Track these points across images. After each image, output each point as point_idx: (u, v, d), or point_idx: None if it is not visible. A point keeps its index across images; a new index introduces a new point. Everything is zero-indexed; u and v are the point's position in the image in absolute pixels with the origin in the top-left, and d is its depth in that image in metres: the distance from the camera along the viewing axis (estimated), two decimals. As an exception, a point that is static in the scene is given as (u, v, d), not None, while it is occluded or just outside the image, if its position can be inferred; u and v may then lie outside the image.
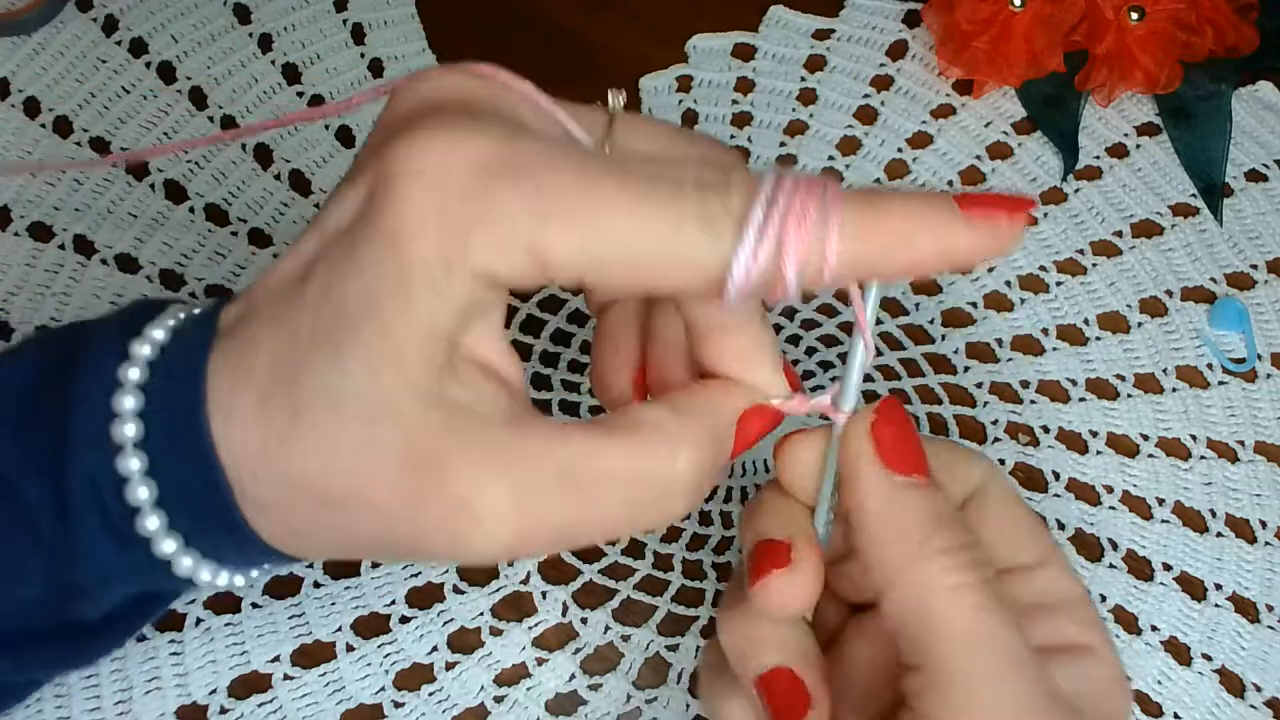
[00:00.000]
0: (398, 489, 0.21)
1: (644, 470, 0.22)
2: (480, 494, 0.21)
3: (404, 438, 0.21)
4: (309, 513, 0.21)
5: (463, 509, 0.21)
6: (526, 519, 0.21)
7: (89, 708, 0.31)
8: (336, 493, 0.21)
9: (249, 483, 0.21)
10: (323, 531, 0.22)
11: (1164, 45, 0.44)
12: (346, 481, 0.21)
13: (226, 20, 0.45)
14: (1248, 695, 0.33)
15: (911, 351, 0.39)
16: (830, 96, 0.45)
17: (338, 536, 0.22)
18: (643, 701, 0.32)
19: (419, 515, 0.21)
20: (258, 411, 0.21)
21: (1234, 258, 0.42)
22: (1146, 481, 0.37)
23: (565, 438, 0.22)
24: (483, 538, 0.21)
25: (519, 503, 0.21)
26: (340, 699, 0.31)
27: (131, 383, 0.22)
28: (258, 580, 0.24)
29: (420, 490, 0.21)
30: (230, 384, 0.21)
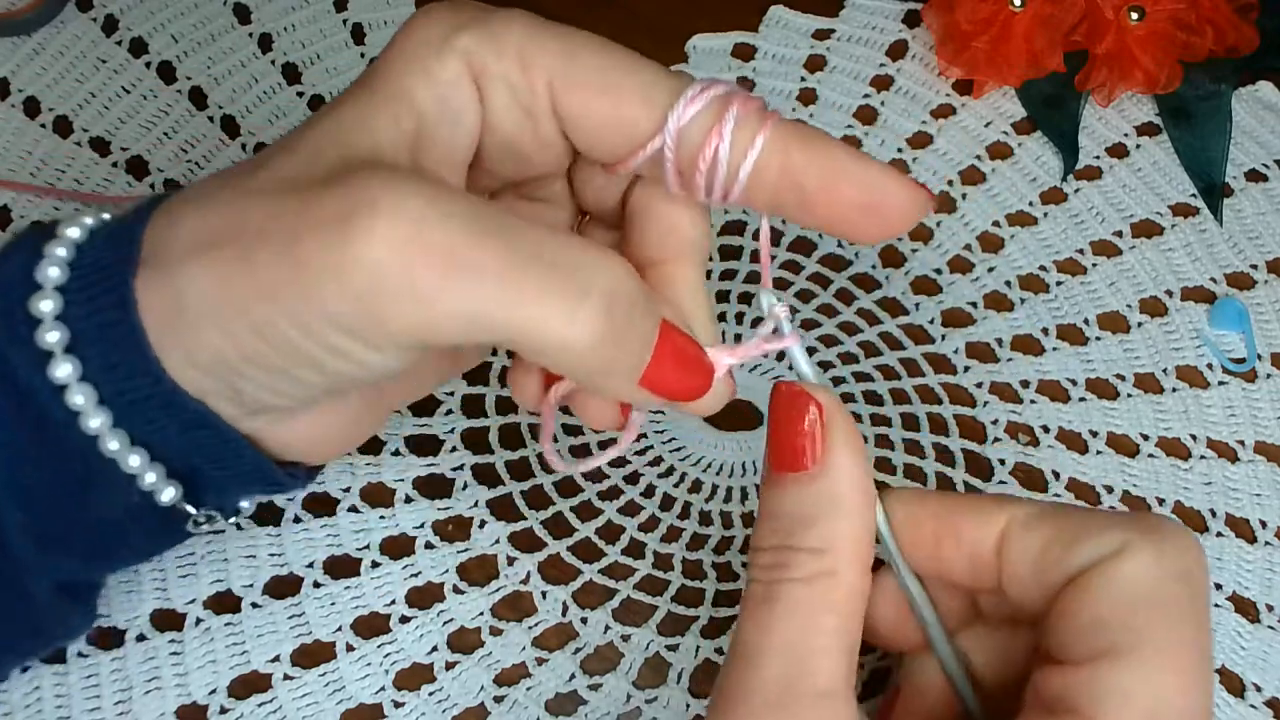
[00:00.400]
0: (296, 191, 0.20)
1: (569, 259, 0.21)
2: (388, 193, 0.20)
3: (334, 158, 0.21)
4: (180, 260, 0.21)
5: (363, 203, 0.19)
6: (429, 239, 0.19)
7: (89, 707, 0.31)
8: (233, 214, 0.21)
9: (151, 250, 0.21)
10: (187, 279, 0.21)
11: (1164, 45, 0.44)
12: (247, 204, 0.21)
13: (226, 20, 0.45)
14: (1248, 695, 0.33)
15: (911, 351, 0.39)
16: (830, 96, 0.45)
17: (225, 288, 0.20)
18: (643, 701, 0.32)
19: (302, 214, 0.20)
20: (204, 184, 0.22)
21: (1234, 258, 0.42)
22: (1146, 481, 0.37)
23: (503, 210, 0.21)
24: (370, 238, 0.19)
25: (426, 217, 0.19)
26: (340, 699, 0.31)
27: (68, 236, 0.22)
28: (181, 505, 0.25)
29: (327, 187, 0.20)
30: (180, 193, 0.22)
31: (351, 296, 0.20)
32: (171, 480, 0.24)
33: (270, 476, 0.25)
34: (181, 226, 0.21)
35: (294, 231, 0.20)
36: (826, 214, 0.22)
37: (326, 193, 0.20)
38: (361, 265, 0.19)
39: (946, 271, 0.41)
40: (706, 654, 0.33)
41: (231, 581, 0.33)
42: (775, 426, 0.23)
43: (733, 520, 0.35)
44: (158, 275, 0.21)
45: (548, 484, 0.35)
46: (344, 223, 0.19)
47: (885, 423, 0.38)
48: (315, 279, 0.20)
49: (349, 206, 0.20)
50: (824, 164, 0.22)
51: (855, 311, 0.40)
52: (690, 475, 0.36)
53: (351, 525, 0.34)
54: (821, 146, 0.22)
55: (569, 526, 0.35)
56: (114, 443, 0.23)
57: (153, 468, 0.24)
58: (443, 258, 0.20)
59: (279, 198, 0.20)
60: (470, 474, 0.35)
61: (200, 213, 0.21)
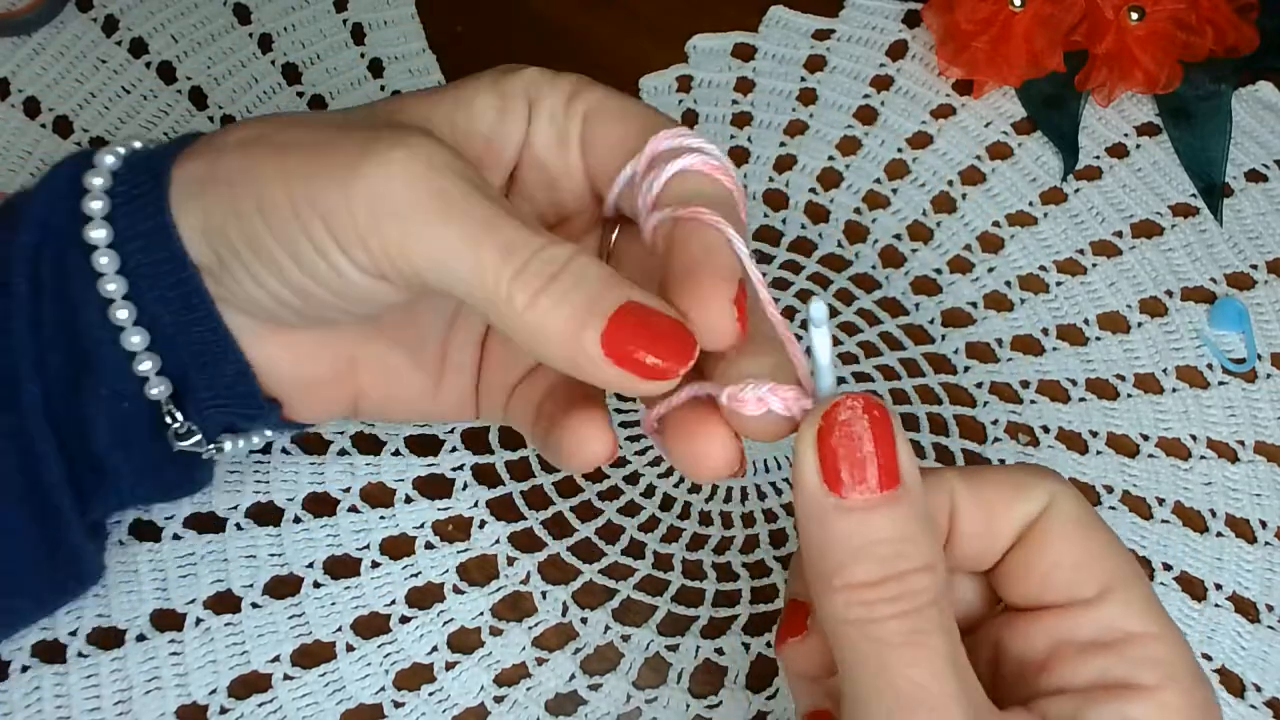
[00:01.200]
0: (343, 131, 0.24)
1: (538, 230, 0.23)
2: (416, 136, 0.23)
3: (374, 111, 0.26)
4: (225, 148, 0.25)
5: (393, 138, 0.23)
6: (435, 182, 0.22)
7: (89, 707, 0.31)
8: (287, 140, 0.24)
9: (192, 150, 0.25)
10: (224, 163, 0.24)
11: (1164, 45, 0.44)
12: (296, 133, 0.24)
13: (226, 20, 0.45)
14: (1248, 695, 0.33)
15: (911, 351, 0.39)
16: (830, 96, 0.45)
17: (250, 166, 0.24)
18: (643, 701, 0.32)
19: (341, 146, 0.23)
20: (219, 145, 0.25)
21: (1234, 258, 0.42)
22: (1146, 481, 0.37)
23: None
24: (388, 161, 0.22)
25: (439, 166, 0.23)
26: (340, 699, 0.31)
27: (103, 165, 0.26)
28: None
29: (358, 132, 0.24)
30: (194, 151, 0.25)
31: (353, 203, 0.23)
32: (162, 377, 0.26)
33: (250, 389, 0.27)
34: (231, 132, 0.25)
35: (328, 143, 0.23)
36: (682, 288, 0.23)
37: (365, 127, 0.24)
38: (371, 180, 0.22)
39: (946, 272, 0.41)
40: (706, 654, 0.33)
41: (231, 581, 0.33)
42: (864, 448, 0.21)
43: (733, 520, 0.35)
44: (196, 156, 0.25)
45: (547, 484, 0.35)
46: (370, 142, 0.23)
47: (885, 423, 0.38)
48: (328, 179, 0.23)
49: (379, 136, 0.23)
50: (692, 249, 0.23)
51: (855, 312, 0.40)
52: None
53: (351, 525, 0.34)
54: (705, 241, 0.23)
55: (569, 526, 0.35)
56: (123, 311, 0.25)
57: (149, 356, 0.26)
58: (441, 200, 0.22)
59: (324, 127, 0.24)
60: (470, 474, 0.35)
61: (250, 124, 0.25)
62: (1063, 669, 0.22)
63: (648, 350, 0.22)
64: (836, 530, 0.21)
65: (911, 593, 0.21)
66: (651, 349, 0.22)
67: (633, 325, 0.22)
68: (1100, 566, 0.23)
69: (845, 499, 0.21)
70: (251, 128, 0.25)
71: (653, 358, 0.22)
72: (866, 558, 0.21)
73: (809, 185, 0.43)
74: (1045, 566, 0.23)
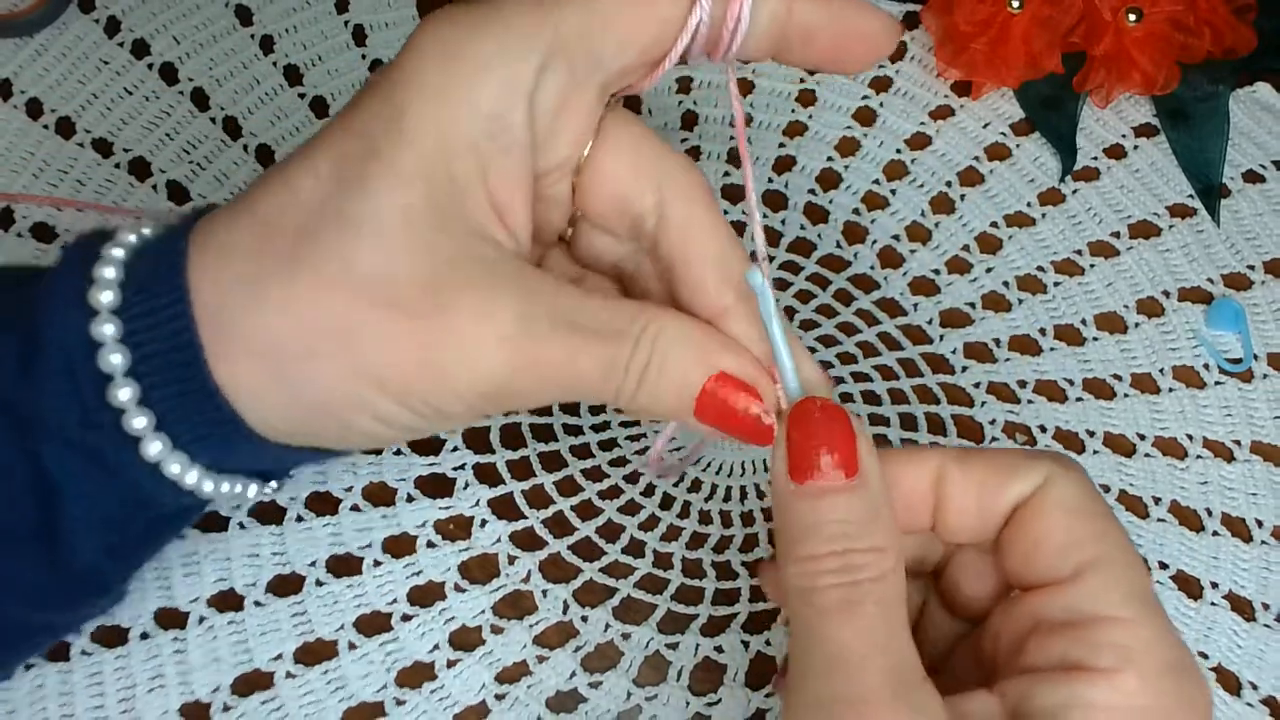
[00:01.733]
0: (402, 308, 0.22)
1: (621, 330, 0.24)
2: (483, 317, 0.23)
3: (418, 259, 0.22)
4: (291, 360, 0.23)
5: (466, 329, 0.23)
6: (522, 353, 0.23)
7: (92, 705, 0.31)
8: (339, 321, 0.22)
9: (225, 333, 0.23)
10: (299, 380, 0.23)
11: (1162, 47, 0.44)
12: (350, 307, 0.22)
13: (228, 22, 0.45)
14: (1244, 693, 0.33)
15: (909, 351, 0.40)
16: (829, 98, 0.46)
17: (316, 382, 0.23)
18: (643, 699, 0.32)
19: (418, 333, 0.22)
20: (248, 261, 0.23)
21: (1231, 259, 0.42)
22: (1143, 481, 0.37)
23: (562, 286, 0.24)
24: (476, 361, 0.23)
25: (519, 331, 0.23)
26: (342, 697, 0.32)
27: (111, 257, 0.23)
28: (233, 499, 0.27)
29: (423, 309, 0.22)
30: (215, 252, 0.23)
31: (466, 403, 0.24)
32: (253, 480, 0.27)
33: (313, 461, 0.27)
34: (262, 322, 0.23)
35: (420, 347, 0.23)
36: (827, 51, 0.25)
37: (438, 316, 0.23)
38: (481, 383, 0.23)
39: (945, 272, 0.41)
40: (706, 652, 0.33)
41: (234, 580, 0.33)
42: (820, 442, 0.24)
43: (732, 519, 0.36)
44: (256, 363, 0.23)
45: (548, 483, 0.36)
46: (467, 347, 0.23)
47: (884, 423, 0.38)
48: (441, 391, 0.23)
49: (466, 333, 0.23)
50: (820, 9, 0.25)
51: (854, 312, 0.40)
52: (689, 474, 0.36)
53: (354, 524, 0.34)
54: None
55: (569, 525, 0.35)
56: (208, 484, 0.25)
57: (237, 480, 0.26)
58: (539, 374, 0.23)
59: (388, 310, 0.22)
60: (472, 473, 0.36)
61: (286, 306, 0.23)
62: (1032, 649, 0.23)
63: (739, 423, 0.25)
64: (794, 512, 0.23)
65: (852, 567, 0.22)
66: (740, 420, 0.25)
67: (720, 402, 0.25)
68: (1085, 549, 0.23)
69: (803, 485, 0.23)
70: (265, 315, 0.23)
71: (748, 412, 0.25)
72: (815, 535, 0.23)
73: (808, 186, 0.43)
74: (1029, 544, 0.24)
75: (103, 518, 0.25)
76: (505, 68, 0.23)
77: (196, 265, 0.23)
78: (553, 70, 0.23)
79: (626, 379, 0.24)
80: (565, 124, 0.24)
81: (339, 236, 0.22)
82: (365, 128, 0.23)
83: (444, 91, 0.23)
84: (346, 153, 0.23)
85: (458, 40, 0.23)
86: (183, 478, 0.24)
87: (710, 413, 0.25)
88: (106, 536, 0.25)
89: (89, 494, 0.24)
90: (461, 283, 0.23)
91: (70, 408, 0.23)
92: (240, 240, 0.23)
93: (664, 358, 0.24)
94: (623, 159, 0.26)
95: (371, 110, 0.23)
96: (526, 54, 0.23)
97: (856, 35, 0.25)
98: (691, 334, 0.25)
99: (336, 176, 0.23)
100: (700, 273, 0.26)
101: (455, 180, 0.23)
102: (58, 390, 0.23)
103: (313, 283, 0.22)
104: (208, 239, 0.23)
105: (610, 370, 0.24)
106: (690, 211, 0.26)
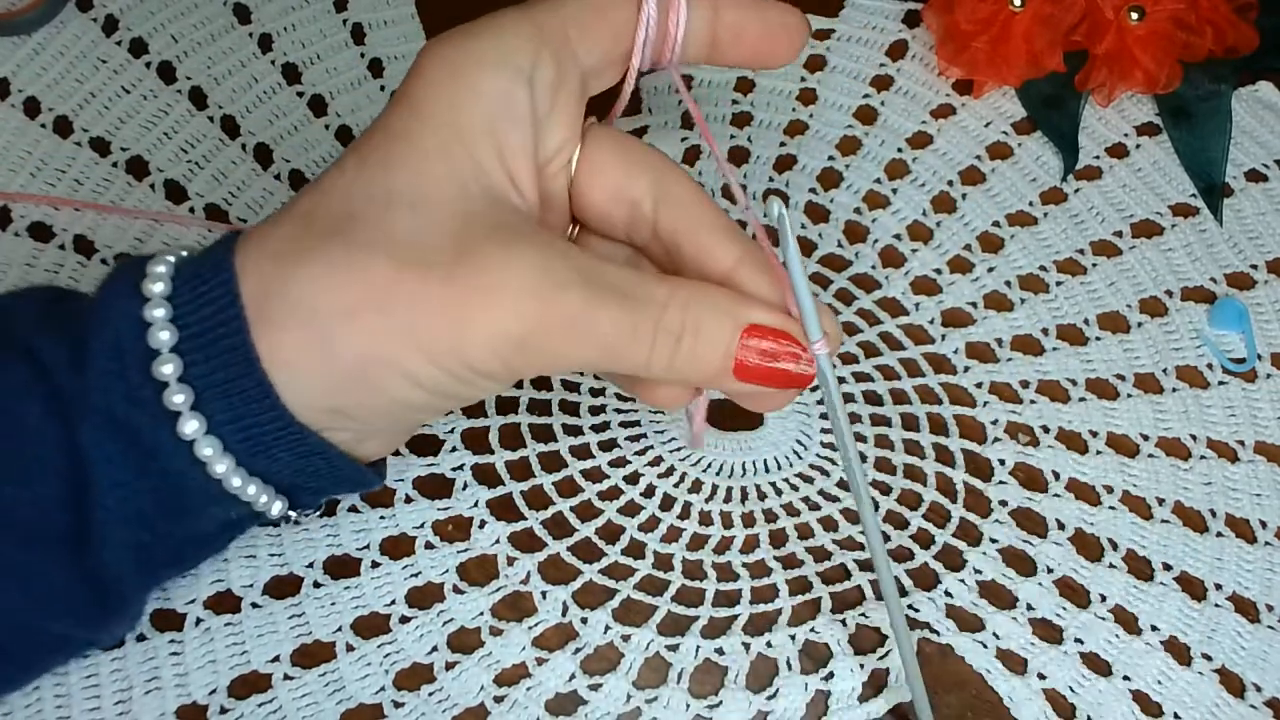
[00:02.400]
0: (431, 267, 0.24)
1: (649, 295, 0.25)
2: (505, 268, 0.24)
3: (446, 224, 0.24)
4: (328, 323, 0.24)
5: (489, 281, 0.24)
6: (546, 303, 0.24)
7: (89, 707, 0.31)
8: (374, 283, 0.23)
9: (268, 306, 0.24)
10: (339, 341, 0.24)
11: (1164, 45, 0.44)
12: (385, 269, 0.23)
13: (226, 20, 0.45)
14: (1248, 695, 0.33)
15: (911, 351, 0.39)
16: (830, 96, 0.45)
17: (385, 348, 0.24)
18: (643, 701, 0.32)
19: (445, 286, 0.23)
20: (290, 242, 0.24)
21: (1234, 258, 0.42)
22: (1146, 481, 0.37)
23: (585, 251, 0.25)
24: (498, 311, 0.24)
25: (539, 282, 0.24)
26: (340, 699, 0.31)
27: (164, 259, 0.25)
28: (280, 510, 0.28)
29: (450, 265, 0.24)
30: (258, 241, 0.25)
31: (501, 357, 0.24)
32: (279, 495, 0.27)
33: (363, 481, 0.29)
34: (305, 288, 0.24)
35: (448, 303, 0.24)
36: (755, 45, 0.28)
37: (465, 270, 0.24)
38: (510, 334, 0.24)
39: (946, 271, 0.41)
40: (707, 654, 0.33)
41: (231, 581, 0.33)
42: None
43: (733, 520, 0.35)
44: (296, 333, 0.24)
45: (548, 484, 0.35)
46: (493, 298, 0.24)
47: (885, 423, 0.38)
48: (471, 343, 0.24)
49: (491, 284, 0.24)
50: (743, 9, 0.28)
51: (855, 312, 0.40)
52: (690, 475, 0.36)
53: (351, 525, 0.34)
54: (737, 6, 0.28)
55: (569, 526, 0.35)
56: (236, 479, 0.26)
57: (264, 490, 0.27)
58: (564, 326, 0.24)
59: (418, 268, 0.24)
60: (470, 474, 0.35)
61: (324, 273, 0.24)
62: None
63: (780, 376, 0.26)
64: None
65: None
66: (781, 373, 0.26)
67: (759, 356, 0.26)
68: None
69: None
70: (315, 284, 0.24)
71: (782, 365, 0.26)
72: None
73: (809, 185, 0.43)
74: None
75: (135, 513, 0.25)
76: (503, 58, 0.25)
77: (241, 255, 0.25)
78: (543, 61, 0.26)
79: (658, 346, 0.25)
80: (558, 112, 0.26)
81: (373, 210, 0.24)
82: (384, 125, 0.25)
83: (453, 86, 0.25)
84: (371, 145, 0.25)
85: (457, 48, 0.25)
86: (214, 464, 0.25)
87: (750, 371, 0.26)
88: (137, 534, 0.26)
89: (123, 483, 0.25)
90: (485, 240, 0.24)
91: (115, 385, 0.24)
92: (282, 231, 0.25)
93: (698, 321, 0.25)
94: (610, 153, 0.28)
95: (388, 116, 0.26)
96: (520, 46, 0.25)
97: (779, 28, 0.28)
98: (719, 298, 0.26)
99: (363, 166, 0.25)
100: (707, 236, 0.27)
101: (475, 159, 0.25)
102: (105, 369, 0.24)
103: (349, 251, 0.24)
104: (250, 236, 0.25)
105: (637, 332, 0.25)
106: (684, 188, 0.28)
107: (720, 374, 0.26)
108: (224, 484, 0.25)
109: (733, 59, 0.29)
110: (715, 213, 0.28)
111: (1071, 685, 0.33)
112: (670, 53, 0.28)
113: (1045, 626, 0.34)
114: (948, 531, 0.36)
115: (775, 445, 0.37)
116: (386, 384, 0.24)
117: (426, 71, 0.25)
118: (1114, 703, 0.33)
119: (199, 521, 0.27)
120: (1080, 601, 0.34)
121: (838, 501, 0.36)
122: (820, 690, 0.32)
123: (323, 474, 0.27)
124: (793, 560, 0.35)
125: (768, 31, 0.28)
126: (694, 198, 0.28)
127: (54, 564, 0.25)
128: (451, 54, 0.25)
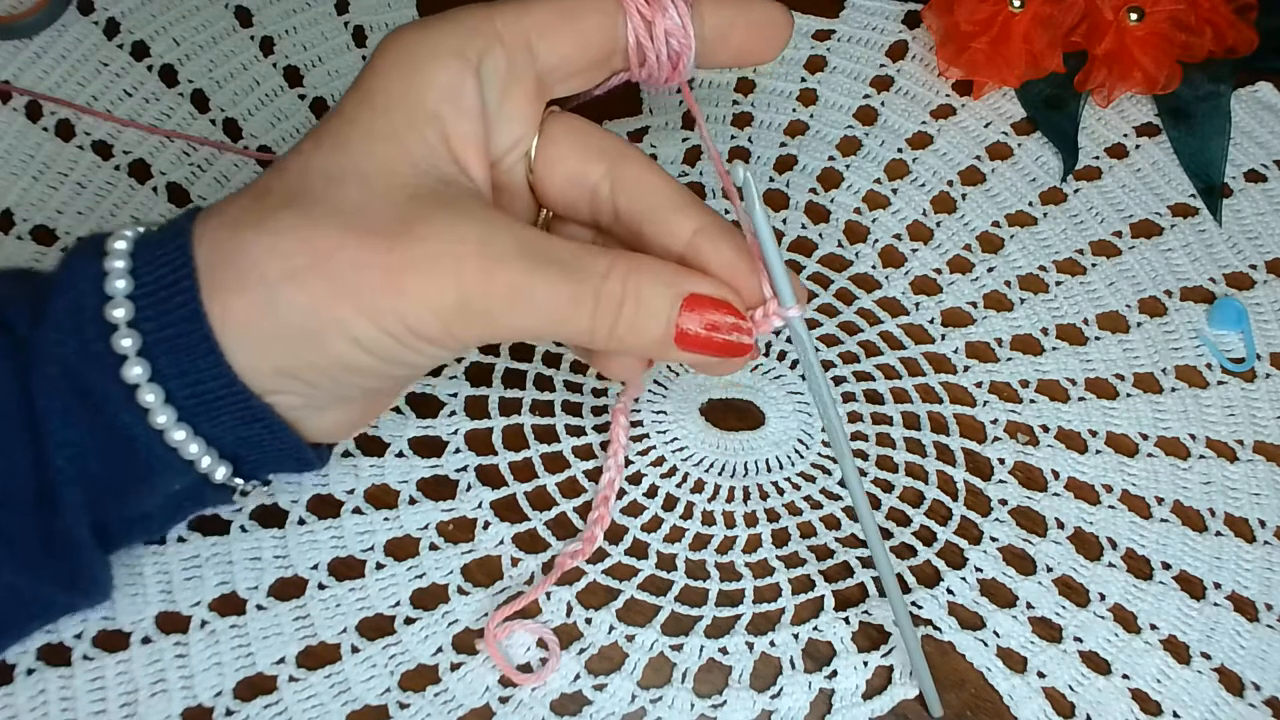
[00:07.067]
0: (376, 233, 0.24)
1: (588, 267, 0.26)
2: (446, 236, 0.25)
3: (394, 196, 0.25)
4: (275, 285, 0.24)
5: (429, 247, 0.24)
6: (484, 270, 0.25)
7: (94, 710, 0.31)
8: (320, 247, 0.24)
9: (220, 271, 0.25)
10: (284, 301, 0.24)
11: (1163, 46, 0.44)
12: (330, 235, 0.24)
13: (228, 23, 0.45)
14: (1247, 694, 0.33)
15: (911, 351, 0.39)
16: (830, 97, 0.46)
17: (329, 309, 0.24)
18: (647, 701, 0.32)
19: (389, 251, 0.24)
20: (245, 213, 0.25)
21: (1233, 258, 0.42)
22: (1146, 481, 0.37)
23: (528, 226, 0.26)
24: (436, 275, 0.24)
25: (482, 252, 0.25)
26: (345, 700, 0.32)
27: (121, 237, 0.26)
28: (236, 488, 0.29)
29: (395, 232, 0.24)
30: (216, 212, 0.26)
31: (441, 320, 0.25)
32: (223, 461, 0.28)
33: (305, 457, 0.29)
34: (255, 250, 0.25)
35: (390, 267, 0.24)
36: (743, 44, 0.29)
37: (408, 238, 0.25)
38: (449, 298, 0.25)
39: (946, 271, 0.41)
40: (710, 653, 0.33)
41: (236, 584, 0.33)
42: None
43: (735, 520, 0.36)
44: (245, 295, 0.25)
45: (551, 485, 0.36)
46: (433, 263, 0.25)
47: (886, 421, 0.38)
48: (411, 305, 0.25)
49: (433, 252, 0.25)
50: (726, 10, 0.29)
51: (855, 311, 0.40)
52: (693, 475, 0.36)
53: (356, 527, 0.34)
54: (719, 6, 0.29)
55: (573, 527, 0.35)
56: (179, 433, 0.26)
57: (208, 452, 0.27)
58: (504, 294, 0.25)
59: (363, 235, 0.25)
60: (474, 475, 0.35)
61: (274, 240, 0.25)
62: None
63: (717, 346, 0.27)
64: None
65: None
66: (721, 343, 0.27)
67: (698, 324, 0.27)
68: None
69: None
70: (263, 247, 0.25)
71: (723, 336, 0.27)
72: None
73: (809, 185, 0.43)
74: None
75: (85, 475, 0.26)
76: (454, 52, 0.26)
77: (200, 225, 0.26)
78: (494, 56, 0.27)
79: (600, 315, 0.26)
80: (510, 106, 0.27)
81: (325, 186, 0.25)
82: (340, 111, 0.26)
83: (406, 74, 0.26)
84: (328, 130, 0.26)
85: (414, 38, 0.26)
86: (156, 414, 0.25)
87: (691, 340, 0.27)
88: (90, 498, 0.26)
89: (73, 442, 0.25)
90: (430, 213, 0.25)
91: (69, 340, 0.25)
92: (240, 203, 0.26)
93: (638, 291, 0.26)
94: (568, 141, 0.28)
95: (345, 102, 0.27)
96: (471, 39, 0.26)
97: (764, 24, 0.29)
98: (659, 269, 0.27)
99: (319, 147, 0.26)
100: (664, 212, 0.28)
101: (426, 143, 0.26)
102: (60, 324, 0.25)
103: (299, 220, 0.25)
104: (210, 209, 0.26)
105: (577, 302, 0.26)
106: (639, 168, 0.28)
107: (662, 343, 0.27)
108: (166, 437, 0.26)
109: (721, 60, 0.29)
110: (672, 189, 0.28)
111: (1071, 683, 0.33)
112: (675, 68, 0.29)
113: (1045, 625, 0.34)
114: (949, 529, 0.36)
115: (777, 445, 0.37)
116: (330, 344, 0.25)
117: (382, 60, 0.26)
118: (1113, 701, 0.33)
119: (147, 495, 0.27)
120: (1080, 600, 0.35)
121: (839, 500, 0.36)
122: (824, 688, 0.32)
123: (265, 444, 0.27)
124: (795, 559, 0.35)
125: (753, 31, 0.29)
126: (650, 177, 0.28)
127: (27, 525, 0.26)
128: (407, 43, 0.26)
